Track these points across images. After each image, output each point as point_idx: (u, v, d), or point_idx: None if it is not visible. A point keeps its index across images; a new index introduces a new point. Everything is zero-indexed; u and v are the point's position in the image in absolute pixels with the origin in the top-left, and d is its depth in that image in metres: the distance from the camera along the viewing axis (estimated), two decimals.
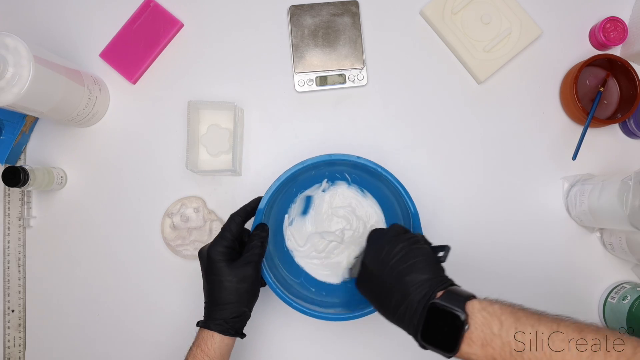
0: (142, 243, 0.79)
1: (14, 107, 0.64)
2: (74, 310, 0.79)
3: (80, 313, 0.79)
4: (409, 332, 0.52)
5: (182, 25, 0.81)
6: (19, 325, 0.78)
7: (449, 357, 0.50)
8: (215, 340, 0.61)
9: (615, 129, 0.81)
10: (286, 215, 0.75)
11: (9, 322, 0.78)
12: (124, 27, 0.81)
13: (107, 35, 0.81)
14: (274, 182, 0.67)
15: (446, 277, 0.54)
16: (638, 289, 0.73)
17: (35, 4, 0.82)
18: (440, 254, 0.56)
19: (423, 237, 0.59)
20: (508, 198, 0.80)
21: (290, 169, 0.67)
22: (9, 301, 0.78)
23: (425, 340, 0.50)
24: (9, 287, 0.78)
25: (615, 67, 0.78)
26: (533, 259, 0.78)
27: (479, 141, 0.81)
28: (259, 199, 0.67)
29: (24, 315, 0.79)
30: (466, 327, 0.47)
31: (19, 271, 0.79)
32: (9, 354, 0.78)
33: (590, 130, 0.77)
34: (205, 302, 0.64)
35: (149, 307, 0.79)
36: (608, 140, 0.81)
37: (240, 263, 0.62)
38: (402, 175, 0.79)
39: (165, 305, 0.78)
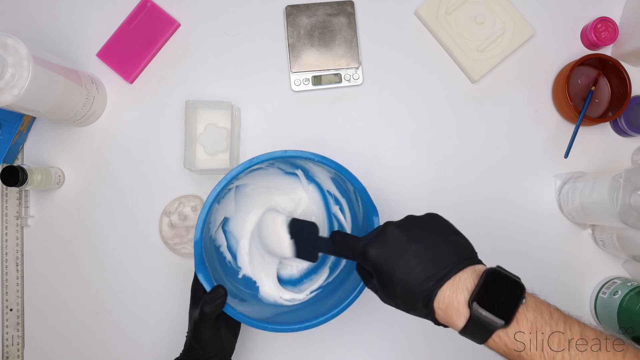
0: (140, 242, 0.79)
1: (12, 107, 0.64)
2: (73, 308, 0.79)
3: (79, 311, 0.79)
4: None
5: (178, 25, 0.82)
6: (17, 323, 0.79)
7: (488, 337, 0.45)
8: None
9: (606, 127, 0.83)
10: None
11: (7, 320, 0.79)
12: (121, 26, 0.81)
13: (104, 35, 0.81)
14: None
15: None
16: (628, 284, 0.75)
17: (32, 4, 0.82)
18: None
19: None
20: (501, 195, 0.81)
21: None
22: (7, 300, 0.79)
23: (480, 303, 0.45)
24: (7, 286, 0.79)
25: (607, 67, 0.79)
26: (526, 255, 0.79)
27: (473, 139, 0.82)
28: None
29: (23, 314, 0.79)
30: (524, 300, 0.45)
31: (17, 270, 0.79)
32: (7, 352, 0.78)
33: (581, 129, 0.78)
34: (189, 341, 0.62)
35: (147, 305, 0.79)
36: (599, 138, 0.82)
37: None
38: (397, 174, 0.80)
39: (163, 303, 0.79)
